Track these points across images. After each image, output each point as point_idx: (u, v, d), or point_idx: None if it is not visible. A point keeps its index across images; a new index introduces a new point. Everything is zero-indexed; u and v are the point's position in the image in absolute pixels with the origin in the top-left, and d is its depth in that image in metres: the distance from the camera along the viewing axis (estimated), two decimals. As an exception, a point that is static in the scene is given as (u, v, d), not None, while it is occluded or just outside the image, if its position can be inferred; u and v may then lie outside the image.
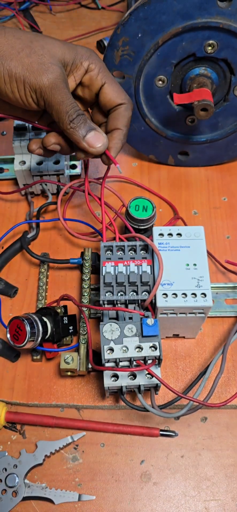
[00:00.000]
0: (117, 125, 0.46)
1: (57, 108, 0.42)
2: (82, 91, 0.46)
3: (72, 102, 0.42)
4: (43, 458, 0.45)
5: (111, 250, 0.47)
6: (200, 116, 0.52)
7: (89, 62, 0.45)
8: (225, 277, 0.55)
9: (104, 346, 0.41)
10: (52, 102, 0.42)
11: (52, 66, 0.42)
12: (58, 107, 0.42)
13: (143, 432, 0.46)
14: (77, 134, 0.43)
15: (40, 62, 0.41)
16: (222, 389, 0.48)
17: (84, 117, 0.43)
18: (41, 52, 0.42)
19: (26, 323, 0.43)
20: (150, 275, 0.45)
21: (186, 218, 0.60)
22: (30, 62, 0.41)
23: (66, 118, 0.42)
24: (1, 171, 0.64)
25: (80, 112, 0.43)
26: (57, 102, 0.42)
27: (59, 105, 0.42)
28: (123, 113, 0.46)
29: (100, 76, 0.45)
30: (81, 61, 0.44)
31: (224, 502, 0.43)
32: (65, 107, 0.42)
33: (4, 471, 0.44)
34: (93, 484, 0.44)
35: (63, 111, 0.42)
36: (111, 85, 0.45)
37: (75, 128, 0.43)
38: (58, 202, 0.53)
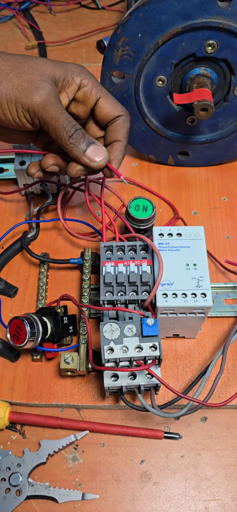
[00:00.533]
0: (117, 137, 0.46)
1: (53, 125, 0.41)
2: (76, 107, 0.46)
3: (68, 117, 0.42)
4: (47, 457, 0.45)
5: (111, 250, 0.47)
6: (200, 116, 0.52)
7: (81, 78, 0.44)
8: (225, 277, 0.56)
9: (104, 346, 0.41)
10: (47, 119, 0.41)
11: (43, 83, 0.41)
12: (54, 124, 0.41)
13: (147, 435, 0.46)
14: (77, 149, 0.42)
15: (30, 81, 0.41)
16: (222, 389, 0.48)
17: (82, 131, 0.42)
18: (30, 71, 0.41)
19: (26, 323, 0.43)
20: (150, 275, 0.45)
21: (186, 218, 0.60)
22: (20, 82, 0.41)
23: (64, 134, 0.42)
24: (1, 171, 0.64)
25: (77, 126, 0.42)
26: (53, 118, 0.41)
27: (55, 121, 0.41)
28: (122, 125, 0.46)
29: (95, 90, 0.45)
30: (73, 77, 0.44)
31: (224, 502, 0.43)
32: (61, 123, 0.41)
33: (8, 470, 0.44)
34: (93, 484, 0.44)
35: (60, 127, 0.41)
36: (107, 99, 0.45)
37: (74, 143, 0.42)
38: (58, 202, 0.53)
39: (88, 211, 0.61)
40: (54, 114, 0.41)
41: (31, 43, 0.82)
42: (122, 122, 0.46)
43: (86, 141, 0.42)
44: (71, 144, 0.42)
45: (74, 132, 0.42)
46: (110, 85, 0.55)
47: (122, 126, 0.46)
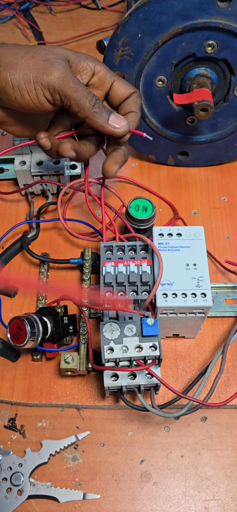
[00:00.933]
0: (132, 109, 0.47)
1: (75, 96, 0.42)
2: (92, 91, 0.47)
3: (85, 88, 0.42)
4: (48, 457, 0.45)
5: (111, 250, 0.47)
6: (200, 116, 0.52)
7: (94, 64, 0.45)
8: (225, 277, 0.56)
9: (104, 346, 0.41)
10: (68, 92, 0.41)
11: (58, 60, 0.42)
12: (76, 95, 0.42)
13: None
14: (101, 118, 0.43)
15: (45, 59, 0.42)
16: (222, 389, 0.48)
17: (100, 101, 0.43)
18: (44, 52, 0.42)
19: (26, 323, 0.43)
20: (150, 275, 0.45)
21: (185, 218, 0.60)
22: (36, 62, 0.41)
23: (87, 103, 0.42)
24: (1, 171, 0.64)
25: (97, 96, 0.43)
26: (73, 89, 0.41)
27: (76, 92, 0.42)
28: (136, 100, 0.47)
29: (108, 75, 0.46)
30: (87, 62, 0.45)
31: (224, 501, 0.43)
32: (82, 93, 0.42)
33: (9, 469, 0.44)
34: (93, 484, 0.44)
35: (82, 97, 0.42)
36: (120, 81, 0.47)
37: (98, 112, 0.42)
38: (58, 203, 0.53)
39: (89, 211, 0.61)
40: (74, 85, 0.41)
41: (32, 43, 0.83)
42: (136, 97, 0.47)
43: (107, 111, 0.43)
44: (95, 113, 0.42)
45: (96, 102, 0.42)
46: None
47: (136, 100, 0.47)
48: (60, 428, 0.47)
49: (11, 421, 0.47)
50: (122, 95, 0.47)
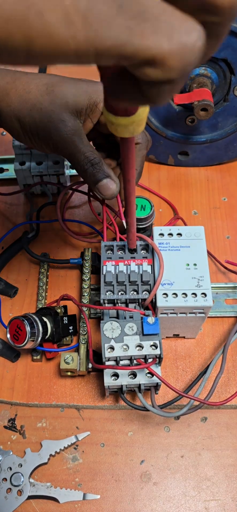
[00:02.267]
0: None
1: (70, 159, 0.45)
2: (99, 128, 0.47)
3: (84, 152, 0.44)
4: (48, 457, 0.45)
5: (111, 250, 0.47)
6: (200, 116, 0.52)
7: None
8: (225, 277, 0.56)
9: (105, 345, 0.41)
10: (65, 155, 0.45)
11: (61, 124, 0.43)
12: (71, 158, 0.45)
13: None
14: (90, 182, 0.45)
15: (50, 120, 0.43)
16: (222, 389, 0.48)
17: (98, 164, 0.44)
18: (51, 108, 0.43)
19: (26, 323, 0.43)
20: (151, 274, 0.45)
21: (186, 218, 0.60)
22: (41, 119, 0.43)
23: (79, 168, 0.45)
24: (1, 171, 0.64)
25: (94, 161, 0.44)
26: (70, 154, 0.44)
27: (71, 157, 0.45)
28: (137, 153, 0.47)
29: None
30: (96, 104, 0.45)
31: (224, 502, 0.43)
32: (77, 158, 0.44)
33: (9, 470, 0.44)
34: (93, 484, 0.44)
35: (76, 162, 0.45)
36: None
37: (87, 177, 0.45)
38: (58, 204, 0.53)
39: (88, 211, 0.61)
40: (71, 150, 0.44)
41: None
42: (138, 150, 0.47)
43: (100, 175, 0.44)
44: (85, 177, 0.45)
45: (88, 168, 0.44)
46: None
47: (137, 154, 0.46)
48: (60, 428, 0.47)
49: (11, 422, 0.47)
50: None
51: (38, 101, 0.43)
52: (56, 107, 0.43)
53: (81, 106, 0.44)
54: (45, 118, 0.43)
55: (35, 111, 0.43)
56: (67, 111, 0.43)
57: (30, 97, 0.44)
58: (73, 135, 0.44)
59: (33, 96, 0.44)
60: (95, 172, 0.44)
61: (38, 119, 0.43)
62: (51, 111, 0.43)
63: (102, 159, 0.45)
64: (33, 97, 0.43)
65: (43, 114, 0.43)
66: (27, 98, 0.43)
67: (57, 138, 0.44)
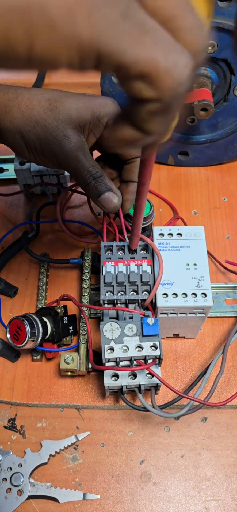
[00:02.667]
0: (132, 178, 0.47)
1: (73, 174, 0.46)
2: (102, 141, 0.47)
3: (87, 167, 0.44)
4: (48, 457, 0.45)
5: (111, 250, 0.47)
6: (200, 116, 0.52)
7: (107, 118, 0.45)
8: (225, 277, 0.56)
9: (104, 346, 0.41)
10: (68, 169, 0.46)
11: (66, 140, 0.43)
12: (74, 173, 0.45)
13: None
14: (92, 195, 0.46)
15: (54, 136, 0.43)
16: (222, 389, 0.48)
17: (100, 178, 0.45)
18: (55, 124, 0.43)
19: (26, 323, 0.43)
20: (150, 274, 0.45)
21: (186, 218, 0.60)
22: (45, 135, 0.43)
23: (82, 182, 0.45)
24: (1, 171, 0.64)
25: (96, 175, 0.44)
26: (73, 169, 0.45)
27: (74, 171, 0.45)
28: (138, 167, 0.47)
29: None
30: (99, 119, 0.45)
31: (224, 502, 0.43)
32: (80, 173, 0.45)
33: (9, 470, 0.44)
34: (93, 484, 0.44)
35: (79, 177, 0.45)
36: None
37: (90, 191, 0.45)
38: (57, 206, 0.53)
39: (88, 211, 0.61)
40: (74, 165, 0.44)
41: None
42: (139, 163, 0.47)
43: (102, 188, 0.45)
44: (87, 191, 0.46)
45: (90, 182, 0.44)
46: (111, 85, 0.55)
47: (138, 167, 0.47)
48: (60, 428, 0.47)
49: (11, 422, 0.47)
50: (125, 156, 0.46)
51: (42, 118, 0.43)
52: (60, 123, 0.43)
53: (84, 121, 0.44)
54: (49, 135, 0.43)
55: (39, 127, 0.43)
56: (71, 127, 0.44)
57: (33, 113, 0.43)
58: (77, 150, 0.44)
59: (36, 112, 0.43)
60: (97, 186, 0.45)
61: (42, 135, 0.44)
62: (56, 127, 0.43)
63: (104, 173, 0.46)
64: (36, 113, 0.43)
65: (47, 130, 0.43)
66: (30, 114, 0.43)
67: (61, 154, 0.44)
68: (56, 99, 0.44)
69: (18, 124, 0.44)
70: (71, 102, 0.44)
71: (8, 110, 0.44)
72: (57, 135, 0.43)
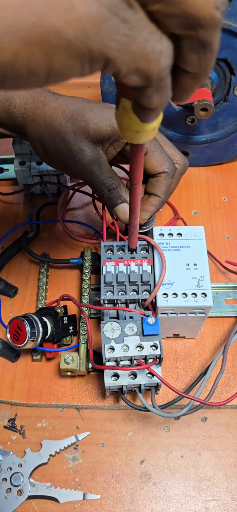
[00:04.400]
0: (155, 192, 0.48)
1: (89, 185, 0.47)
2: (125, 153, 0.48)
3: (102, 179, 0.45)
4: (48, 457, 0.45)
5: (111, 250, 0.47)
6: (200, 116, 0.52)
7: None
8: (225, 277, 0.56)
9: (105, 345, 0.41)
10: (84, 181, 0.48)
11: (80, 154, 0.44)
12: (90, 184, 0.47)
13: None
14: (107, 205, 0.47)
15: (70, 149, 0.45)
16: (222, 389, 0.48)
17: (115, 190, 0.45)
18: (72, 137, 0.44)
19: (26, 323, 0.43)
20: (151, 274, 0.45)
21: (186, 218, 0.60)
22: (62, 148, 0.45)
23: (96, 193, 0.47)
24: (1, 171, 0.64)
25: (111, 187, 0.45)
26: (88, 181, 0.47)
27: (89, 183, 0.47)
28: (162, 182, 0.47)
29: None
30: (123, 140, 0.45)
31: (224, 502, 0.43)
32: (95, 184, 0.46)
33: (9, 470, 0.44)
34: (93, 484, 0.44)
35: (94, 188, 0.47)
36: (153, 154, 0.46)
37: (105, 201, 0.47)
38: (59, 205, 0.53)
39: (88, 211, 0.61)
40: (89, 178, 0.46)
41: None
42: (163, 179, 0.47)
43: (117, 199, 0.46)
44: (102, 202, 0.48)
45: (106, 192, 0.46)
46: (111, 85, 0.55)
47: (162, 183, 0.47)
48: (60, 428, 0.47)
49: (11, 422, 0.47)
50: (149, 169, 0.47)
51: (62, 130, 0.44)
52: (77, 136, 0.44)
53: (103, 135, 0.44)
54: (65, 147, 0.44)
55: (58, 139, 0.45)
56: (87, 141, 0.44)
57: (55, 125, 0.45)
58: (91, 164, 0.45)
59: (58, 124, 0.44)
60: (111, 197, 0.46)
61: (60, 147, 0.45)
62: (73, 141, 0.44)
63: (121, 183, 0.46)
64: (58, 125, 0.44)
65: (64, 143, 0.44)
66: (53, 126, 0.45)
67: (75, 167, 0.45)
68: (79, 112, 0.45)
69: (41, 133, 0.45)
70: (92, 116, 0.44)
71: (34, 118, 0.45)
72: (72, 149, 0.44)
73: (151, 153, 0.46)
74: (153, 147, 0.46)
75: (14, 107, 0.46)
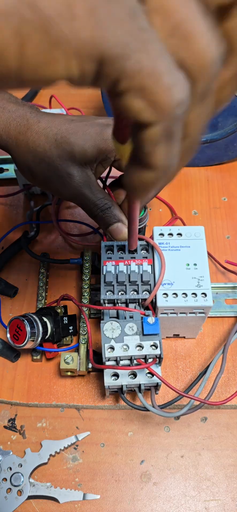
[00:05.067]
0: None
1: (81, 207, 0.47)
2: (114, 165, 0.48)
3: (94, 201, 0.45)
4: (48, 457, 0.45)
5: (112, 250, 0.47)
6: (200, 116, 0.52)
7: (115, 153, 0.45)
8: (225, 277, 0.55)
9: (105, 345, 0.41)
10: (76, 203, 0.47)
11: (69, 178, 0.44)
12: (82, 207, 0.46)
13: None
14: (101, 225, 0.47)
15: (58, 175, 0.44)
16: (222, 389, 0.48)
17: (108, 210, 0.45)
18: (58, 162, 0.43)
19: (26, 323, 0.43)
20: (151, 274, 0.45)
21: (186, 218, 0.60)
22: (50, 173, 0.44)
23: (90, 214, 0.46)
24: (1, 171, 0.64)
25: (104, 207, 0.45)
26: (79, 204, 0.46)
27: (81, 206, 0.46)
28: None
29: None
30: (106, 154, 0.45)
31: (224, 502, 0.43)
32: (87, 206, 0.45)
33: (9, 470, 0.44)
34: (93, 484, 0.44)
35: (87, 210, 0.46)
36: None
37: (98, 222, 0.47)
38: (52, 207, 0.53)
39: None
40: (81, 201, 0.45)
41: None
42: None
43: (111, 219, 0.46)
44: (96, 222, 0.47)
45: (98, 213, 0.45)
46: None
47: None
48: (60, 428, 0.47)
49: (11, 422, 0.47)
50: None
51: (46, 155, 0.43)
52: (63, 161, 0.43)
53: (89, 158, 0.44)
54: (53, 173, 0.44)
55: (44, 164, 0.44)
56: (74, 164, 0.44)
57: (39, 150, 0.44)
58: (81, 187, 0.44)
59: (42, 149, 0.43)
60: (105, 217, 0.45)
61: (47, 173, 0.44)
62: (59, 165, 0.43)
63: (114, 203, 0.46)
64: (42, 150, 0.43)
65: (51, 168, 0.44)
66: (37, 151, 0.44)
67: (66, 191, 0.45)
68: (62, 135, 0.43)
69: (26, 159, 0.44)
70: (77, 139, 0.43)
71: (18, 144, 0.44)
72: (61, 173, 0.44)
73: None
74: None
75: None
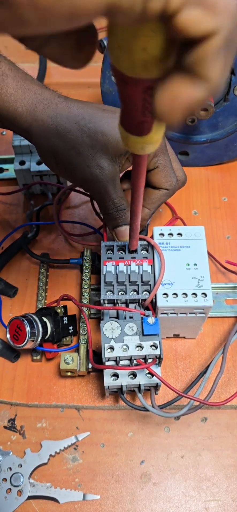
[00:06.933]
0: (148, 205, 0.47)
1: (97, 199, 0.47)
2: None
3: (113, 198, 0.44)
4: (48, 457, 0.45)
5: (112, 250, 0.47)
6: (200, 115, 0.52)
7: None
8: (225, 277, 0.55)
9: (105, 345, 0.41)
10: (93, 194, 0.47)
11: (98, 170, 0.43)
12: (99, 199, 0.46)
13: None
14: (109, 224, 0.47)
15: (88, 164, 0.43)
16: (222, 389, 0.48)
17: (122, 211, 0.45)
18: (91, 152, 0.42)
19: (26, 323, 0.43)
20: (151, 274, 0.45)
21: (186, 218, 0.60)
22: (79, 162, 0.43)
23: (103, 210, 0.46)
24: (1, 171, 0.64)
25: (120, 207, 0.45)
26: (98, 196, 0.46)
27: (99, 198, 0.46)
28: (159, 197, 0.47)
29: (154, 160, 0.45)
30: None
31: (224, 502, 0.43)
32: (105, 201, 0.45)
33: (9, 470, 0.44)
34: (93, 485, 0.44)
35: (102, 204, 0.46)
36: (162, 171, 0.46)
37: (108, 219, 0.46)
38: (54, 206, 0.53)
39: (88, 211, 0.61)
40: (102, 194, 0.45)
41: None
42: (162, 195, 0.47)
43: (121, 221, 0.46)
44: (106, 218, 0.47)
45: (112, 213, 0.45)
46: (111, 85, 0.55)
47: (158, 198, 0.47)
48: (60, 428, 0.47)
49: (11, 422, 0.47)
50: (154, 183, 0.46)
51: (78, 143, 0.42)
52: (96, 152, 0.42)
53: (121, 151, 0.43)
54: (82, 161, 0.42)
55: (74, 152, 0.42)
56: (106, 157, 0.43)
57: (70, 137, 0.42)
58: (108, 181, 0.43)
59: (74, 136, 0.42)
60: (117, 218, 0.45)
61: (75, 160, 0.43)
62: (91, 156, 0.42)
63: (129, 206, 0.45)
64: (74, 137, 0.42)
65: (81, 157, 0.42)
66: (68, 138, 0.42)
67: (91, 182, 0.44)
68: (96, 125, 0.42)
69: (53, 144, 0.42)
70: (110, 130, 0.42)
71: (46, 128, 0.43)
72: (90, 164, 0.42)
73: (162, 168, 0.45)
74: (164, 163, 0.45)
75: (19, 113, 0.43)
